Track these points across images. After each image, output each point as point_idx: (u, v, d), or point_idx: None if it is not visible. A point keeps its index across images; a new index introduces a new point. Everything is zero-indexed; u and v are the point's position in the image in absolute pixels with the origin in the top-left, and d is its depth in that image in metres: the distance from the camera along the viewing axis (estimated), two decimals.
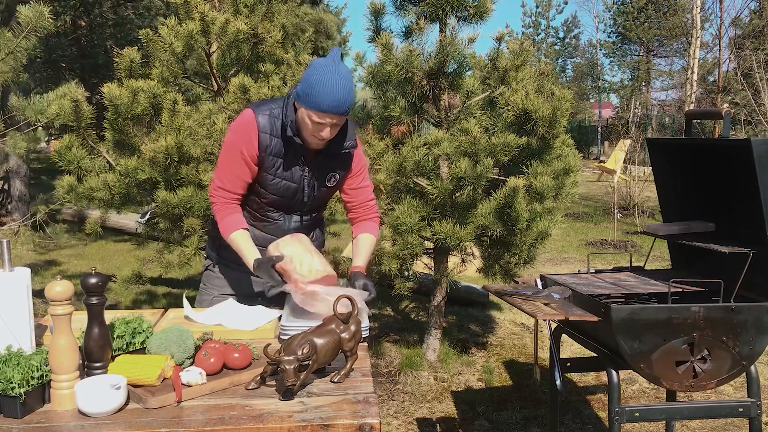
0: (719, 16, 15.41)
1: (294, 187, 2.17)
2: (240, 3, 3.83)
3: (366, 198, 2.32)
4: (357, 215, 2.33)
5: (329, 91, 1.93)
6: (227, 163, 2.14)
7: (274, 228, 2.25)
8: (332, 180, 2.22)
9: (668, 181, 2.85)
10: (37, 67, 14.36)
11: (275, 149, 2.11)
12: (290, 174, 2.15)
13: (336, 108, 1.95)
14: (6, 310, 1.60)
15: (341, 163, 2.21)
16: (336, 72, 1.95)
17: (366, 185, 2.31)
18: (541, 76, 3.92)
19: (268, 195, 2.19)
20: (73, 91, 3.52)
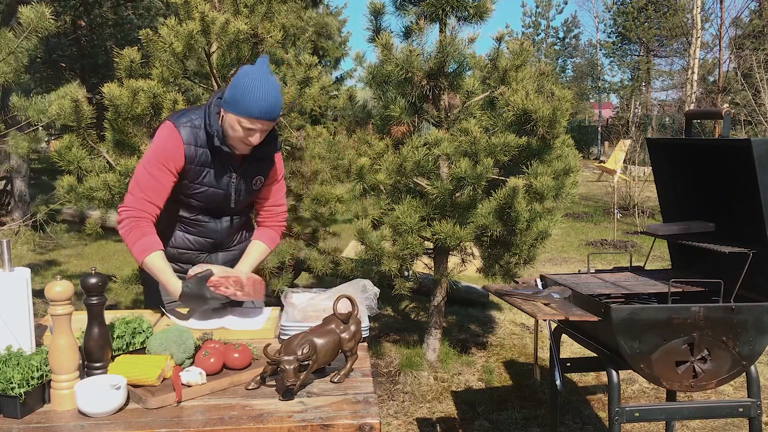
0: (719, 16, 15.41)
1: (221, 193, 2.18)
2: (240, 3, 3.83)
3: (275, 202, 2.34)
4: (262, 218, 2.36)
5: (261, 97, 1.95)
6: (152, 174, 2.07)
7: (205, 231, 2.27)
8: (258, 183, 2.25)
9: (668, 181, 2.85)
10: (37, 67, 14.37)
11: (201, 159, 2.11)
12: (218, 182, 2.16)
13: (267, 114, 1.98)
14: (6, 310, 1.60)
15: (266, 166, 2.24)
16: (266, 79, 1.98)
17: (278, 188, 2.33)
18: (541, 76, 3.92)
19: (196, 203, 2.20)
20: (74, 91, 3.52)
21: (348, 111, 4.26)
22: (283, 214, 2.39)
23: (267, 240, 2.34)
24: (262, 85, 1.96)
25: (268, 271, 3.87)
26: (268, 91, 1.97)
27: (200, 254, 2.30)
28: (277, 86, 2.01)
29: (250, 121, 1.98)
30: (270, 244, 2.35)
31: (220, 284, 2.00)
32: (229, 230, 2.30)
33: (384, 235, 3.64)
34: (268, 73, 2.00)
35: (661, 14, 26.67)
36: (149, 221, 2.09)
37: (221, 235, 2.29)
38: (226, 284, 2.01)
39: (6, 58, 3.59)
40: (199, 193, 2.16)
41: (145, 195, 2.07)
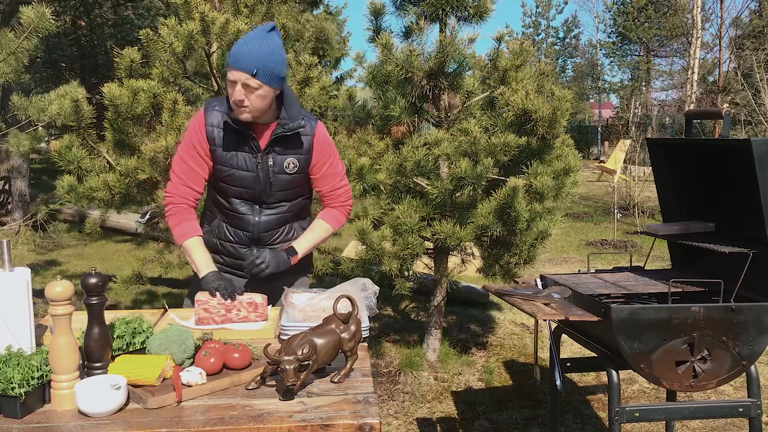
0: (719, 16, 15.41)
1: (251, 176, 2.16)
2: (240, 3, 3.83)
3: (333, 186, 2.28)
4: (326, 202, 2.32)
5: (238, 46, 1.97)
6: (184, 159, 2.18)
7: (243, 223, 2.24)
8: (291, 166, 2.18)
9: (668, 181, 2.85)
10: (37, 68, 14.37)
11: (225, 141, 2.13)
12: (244, 163, 2.15)
13: (239, 62, 1.96)
14: (6, 310, 1.60)
15: (296, 147, 2.17)
16: (255, 34, 1.98)
17: (331, 173, 2.26)
18: (541, 76, 3.92)
19: (229, 188, 2.19)
20: (74, 91, 3.52)
21: (348, 111, 4.26)
22: (345, 195, 2.32)
23: (330, 219, 2.29)
24: (245, 37, 1.98)
25: None
26: (246, 42, 1.97)
27: (241, 247, 2.27)
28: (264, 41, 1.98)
29: (229, 71, 1.99)
30: (333, 224, 2.30)
31: (233, 307, 1.99)
32: (268, 224, 2.24)
33: (384, 235, 3.64)
34: (262, 31, 2.00)
35: (661, 14, 26.66)
36: (189, 206, 2.19)
37: (259, 228, 2.24)
38: (239, 307, 1.99)
39: (7, 59, 3.59)
40: (229, 177, 2.17)
41: (181, 180, 2.18)
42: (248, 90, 2.00)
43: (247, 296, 2.01)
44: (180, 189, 2.18)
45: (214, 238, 2.31)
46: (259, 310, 2.00)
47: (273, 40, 2.01)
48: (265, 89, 2.02)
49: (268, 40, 2.00)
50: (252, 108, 2.05)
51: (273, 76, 2.02)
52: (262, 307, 2.01)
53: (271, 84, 2.02)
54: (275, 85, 2.04)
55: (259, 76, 1.98)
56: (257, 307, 2.00)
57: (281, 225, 2.29)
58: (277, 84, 2.05)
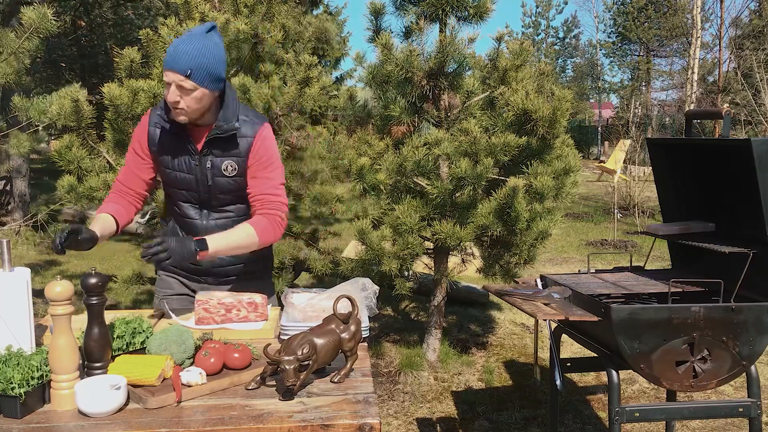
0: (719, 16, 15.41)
1: (191, 178, 2.11)
2: (240, 3, 3.83)
3: (262, 191, 2.09)
4: (254, 210, 2.13)
5: (171, 47, 1.92)
6: (127, 161, 2.19)
7: (193, 228, 2.19)
8: (230, 168, 2.08)
9: (668, 181, 2.85)
10: (37, 68, 14.37)
11: (165, 142, 2.10)
12: (184, 165, 2.11)
13: (173, 63, 1.89)
14: (6, 310, 1.60)
15: (233, 149, 2.07)
16: (190, 34, 1.93)
17: (265, 176, 2.10)
18: (541, 76, 3.92)
19: (175, 191, 2.18)
20: (74, 92, 3.52)
21: (348, 111, 4.26)
22: (276, 204, 2.11)
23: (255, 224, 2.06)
24: (180, 38, 1.93)
25: None
26: (182, 42, 1.91)
27: None
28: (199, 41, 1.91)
29: (164, 73, 1.94)
30: (258, 230, 2.04)
31: (233, 307, 1.98)
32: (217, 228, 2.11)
33: (384, 235, 3.64)
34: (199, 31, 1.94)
35: (661, 14, 26.66)
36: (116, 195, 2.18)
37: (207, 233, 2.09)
38: (239, 307, 1.98)
39: (8, 59, 3.59)
40: (171, 179, 2.14)
41: (119, 177, 2.20)
42: (183, 91, 1.93)
43: (247, 296, 2.01)
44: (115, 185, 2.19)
45: None
46: (259, 310, 2.00)
47: (211, 40, 1.94)
48: (200, 91, 1.94)
49: (205, 40, 1.92)
50: (188, 110, 1.96)
51: (209, 78, 1.93)
52: (262, 307, 2.01)
53: (207, 86, 1.94)
54: (212, 87, 1.96)
55: (194, 78, 1.90)
56: (257, 307, 2.00)
57: None
58: (214, 86, 1.97)
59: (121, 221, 2.13)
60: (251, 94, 3.56)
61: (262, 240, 2.06)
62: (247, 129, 2.08)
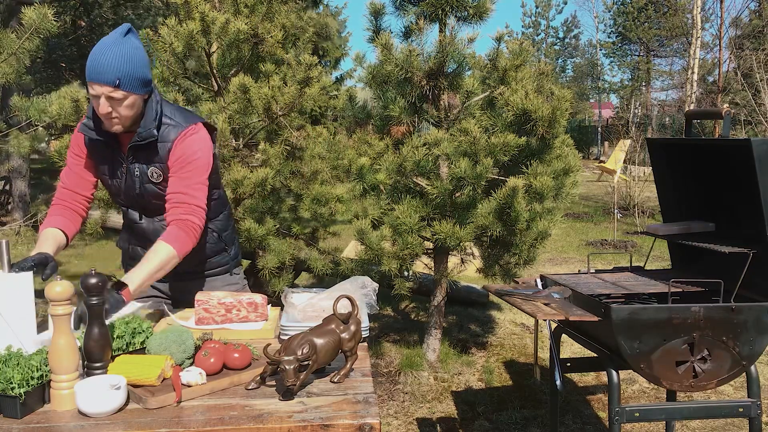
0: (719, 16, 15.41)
1: (121, 184, 2.11)
2: (240, 3, 3.83)
3: (176, 188, 2.01)
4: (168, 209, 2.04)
5: (94, 59, 1.86)
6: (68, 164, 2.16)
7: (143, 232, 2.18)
8: (155, 175, 2.06)
9: (668, 181, 2.85)
10: (37, 68, 14.36)
11: (96, 149, 2.09)
12: (115, 172, 2.10)
13: (99, 75, 1.84)
14: (8, 311, 1.60)
15: (155, 155, 2.04)
16: (110, 41, 1.88)
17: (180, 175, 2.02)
18: (540, 76, 3.92)
19: (113, 196, 2.18)
20: (74, 92, 3.52)
21: (348, 111, 4.26)
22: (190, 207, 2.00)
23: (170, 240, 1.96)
24: (100, 47, 1.87)
25: (267, 271, 3.87)
26: (102, 52, 1.85)
27: None
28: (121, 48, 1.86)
29: (90, 86, 1.89)
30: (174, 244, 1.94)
31: (233, 307, 1.98)
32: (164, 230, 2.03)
33: (384, 235, 3.64)
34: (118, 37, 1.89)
35: (661, 14, 26.66)
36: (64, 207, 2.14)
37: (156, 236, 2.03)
38: (239, 307, 1.99)
39: (8, 59, 3.59)
40: (108, 186, 2.14)
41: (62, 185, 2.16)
42: (114, 102, 1.89)
43: (247, 296, 2.01)
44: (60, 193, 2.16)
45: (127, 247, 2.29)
46: (259, 310, 2.00)
47: (131, 44, 1.89)
48: (132, 97, 1.91)
49: (125, 46, 1.88)
50: (121, 119, 1.94)
51: (138, 83, 1.91)
52: (262, 307, 2.01)
53: (137, 91, 1.92)
54: (141, 91, 1.94)
55: (123, 86, 1.87)
56: (257, 307, 2.00)
57: None
58: (143, 90, 1.94)
59: (69, 233, 2.12)
60: (251, 94, 3.56)
61: (181, 253, 1.97)
62: (170, 133, 2.02)
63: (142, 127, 1.99)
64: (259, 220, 3.81)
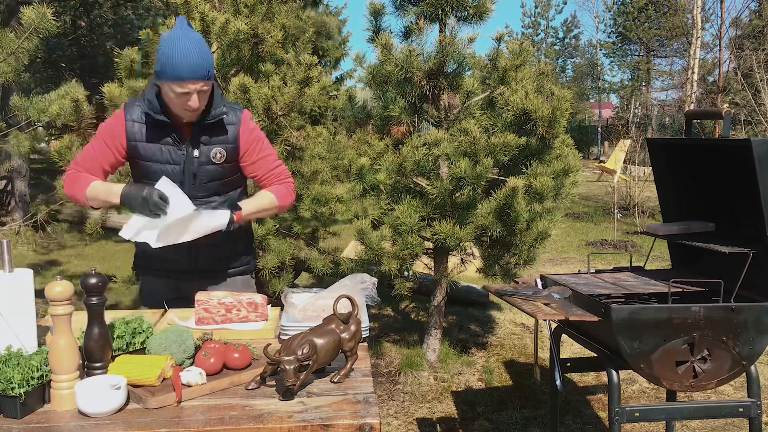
0: (719, 16, 15.40)
1: (178, 168, 2.13)
2: (240, 3, 3.83)
3: (269, 167, 2.23)
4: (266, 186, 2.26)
5: (183, 57, 1.94)
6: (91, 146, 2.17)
7: None
8: (218, 156, 2.14)
9: (668, 181, 2.85)
10: (37, 68, 14.37)
11: (147, 135, 2.11)
12: (169, 156, 2.13)
13: (194, 73, 1.95)
14: (9, 311, 1.60)
15: (220, 135, 2.14)
16: (186, 38, 1.96)
17: (264, 155, 2.22)
18: (540, 76, 3.92)
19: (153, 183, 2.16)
20: (74, 91, 3.52)
21: (348, 111, 4.26)
22: (284, 174, 2.26)
23: (274, 191, 2.20)
24: (183, 46, 1.95)
25: (268, 271, 3.87)
26: (188, 50, 1.94)
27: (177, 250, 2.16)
28: (200, 43, 1.98)
29: (180, 84, 1.96)
30: (277, 196, 2.20)
31: (233, 307, 1.99)
32: None
33: (384, 235, 3.64)
34: (187, 31, 1.98)
35: (661, 14, 26.66)
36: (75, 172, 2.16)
37: None
38: (239, 307, 1.99)
39: (7, 59, 3.59)
40: (156, 172, 2.12)
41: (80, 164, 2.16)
42: (201, 94, 2.01)
43: (247, 296, 2.01)
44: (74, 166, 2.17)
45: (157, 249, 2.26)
46: (259, 310, 2.00)
47: (197, 35, 2.01)
48: (210, 84, 2.05)
49: (197, 39, 1.99)
50: (201, 107, 2.05)
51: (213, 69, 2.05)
52: (262, 307, 2.01)
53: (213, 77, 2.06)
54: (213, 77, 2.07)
55: (211, 77, 2.02)
56: (257, 307, 2.00)
57: None
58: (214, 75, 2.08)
59: None
60: (251, 94, 3.56)
61: (281, 204, 2.23)
62: (231, 116, 2.15)
63: (213, 106, 2.10)
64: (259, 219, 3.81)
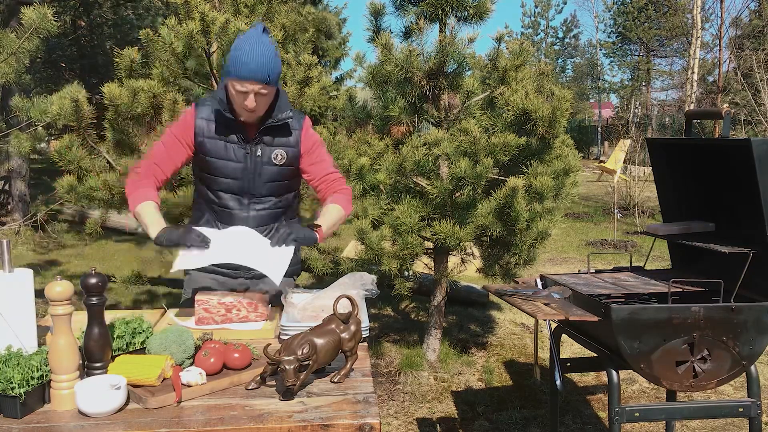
0: (719, 16, 15.40)
1: (239, 166, 2.19)
2: (240, 3, 3.83)
3: (325, 171, 2.30)
4: (322, 191, 2.32)
5: (247, 58, 1.99)
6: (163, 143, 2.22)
7: (234, 219, 2.24)
8: (279, 157, 2.21)
9: (668, 181, 2.85)
10: (37, 68, 14.37)
11: (215, 132, 2.17)
12: (233, 154, 2.18)
13: (253, 74, 2.00)
14: (9, 311, 1.60)
15: (283, 138, 2.21)
16: (256, 40, 2.01)
17: (322, 159, 2.30)
18: (540, 76, 3.92)
19: (217, 180, 2.21)
20: (74, 91, 3.52)
21: (348, 111, 4.26)
22: (340, 180, 2.33)
23: (339, 202, 2.26)
24: (249, 46, 2.00)
25: None
26: (255, 52, 1.99)
27: None
28: (268, 47, 2.02)
29: (240, 83, 2.02)
30: (344, 206, 2.27)
31: (233, 307, 1.99)
32: (258, 219, 2.24)
33: (384, 235, 3.64)
34: (260, 35, 2.03)
35: (661, 14, 26.66)
36: (150, 180, 2.20)
37: (249, 224, 2.22)
38: (239, 307, 1.99)
39: (8, 59, 3.59)
40: (217, 168, 2.19)
41: (152, 160, 2.21)
42: (260, 96, 2.06)
43: (248, 296, 2.01)
44: (149, 166, 2.21)
45: None
46: (259, 310, 2.00)
47: (269, 41, 2.05)
48: (272, 90, 2.09)
49: (268, 44, 2.04)
50: (260, 110, 2.10)
51: (277, 77, 2.08)
52: (262, 307, 2.01)
53: (277, 84, 2.10)
54: (277, 84, 2.12)
55: (272, 82, 2.05)
56: (257, 307, 2.00)
57: (271, 221, 2.28)
58: (277, 83, 2.11)
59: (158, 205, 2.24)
60: None
61: (347, 213, 2.32)
62: (295, 121, 2.23)
63: (277, 110, 2.16)
64: None
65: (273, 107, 2.16)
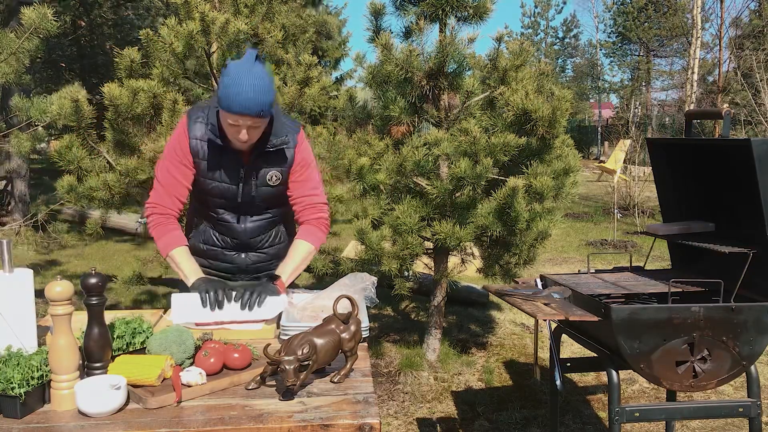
0: (719, 16, 15.40)
1: (233, 188, 2.16)
2: (240, 3, 3.83)
3: (304, 192, 2.22)
4: (297, 213, 2.26)
5: (238, 92, 1.91)
6: (169, 169, 2.15)
7: (230, 231, 2.24)
8: (274, 178, 2.17)
9: (668, 181, 2.85)
10: (37, 68, 14.37)
11: (209, 154, 2.12)
12: (228, 177, 2.14)
13: (245, 109, 1.92)
14: (9, 311, 1.60)
15: (279, 160, 2.16)
16: (248, 73, 1.93)
17: (305, 179, 2.22)
18: (540, 76, 3.92)
19: (213, 199, 2.20)
20: (74, 92, 3.52)
21: (348, 111, 4.26)
22: (319, 206, 2.24)
23: (308, 237, 2.21)
24: (241, 80, 1.92)
25: None
26: (246, 85, 1.91)
27: (228, 251, 2.29)
28: (262, 79, 1.94)
29: (232, 117, 1.96)
30: (313, 242, 2.21)
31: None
32: (256, 230, 2.25)
33: (384, 235, 3.64)
34: (251, 67, 1.94)
35: (661, 14, 26.66)
36: (172, 216, 2.17)
37: (246, 235, 2.25)
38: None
39: (8, 59, 3.59)
40: (212, 190, 2.17)
41: (165, 190, 2.16)
42: (252, 129, 2.00)
43: None
44: (163, 199, 2.16)
45: (200, 243, 2.30)
46: None
47: (262, 71, 1.97)
48: (265, 121, 2.04)
49: (261, 76, 1.95)
50: (253, 140, 2.05)
51: (271, 107, 2.01)
52: None
53: (269, 115, 2.03)
54: (271, 113, 2.04)
55: (264, 115, 1.98)
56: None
57: (269, 229, 2.30)
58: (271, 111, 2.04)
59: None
60: None
61: (316, 247, 2.25)
62: (290, 137, 2.17)
63: (273, 135, 2.10)
64: None
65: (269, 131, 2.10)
